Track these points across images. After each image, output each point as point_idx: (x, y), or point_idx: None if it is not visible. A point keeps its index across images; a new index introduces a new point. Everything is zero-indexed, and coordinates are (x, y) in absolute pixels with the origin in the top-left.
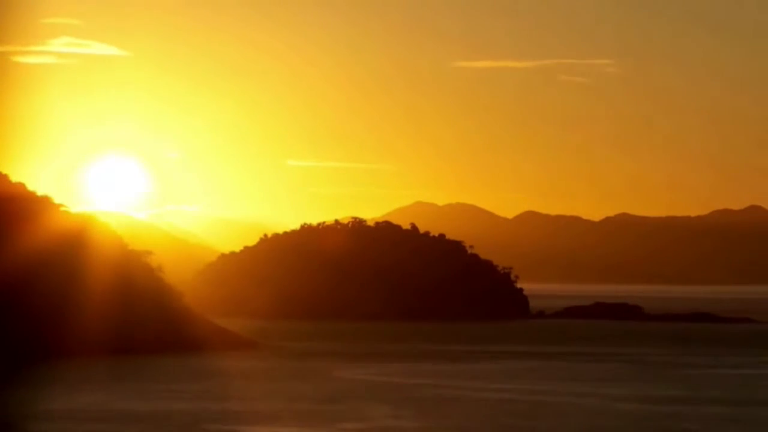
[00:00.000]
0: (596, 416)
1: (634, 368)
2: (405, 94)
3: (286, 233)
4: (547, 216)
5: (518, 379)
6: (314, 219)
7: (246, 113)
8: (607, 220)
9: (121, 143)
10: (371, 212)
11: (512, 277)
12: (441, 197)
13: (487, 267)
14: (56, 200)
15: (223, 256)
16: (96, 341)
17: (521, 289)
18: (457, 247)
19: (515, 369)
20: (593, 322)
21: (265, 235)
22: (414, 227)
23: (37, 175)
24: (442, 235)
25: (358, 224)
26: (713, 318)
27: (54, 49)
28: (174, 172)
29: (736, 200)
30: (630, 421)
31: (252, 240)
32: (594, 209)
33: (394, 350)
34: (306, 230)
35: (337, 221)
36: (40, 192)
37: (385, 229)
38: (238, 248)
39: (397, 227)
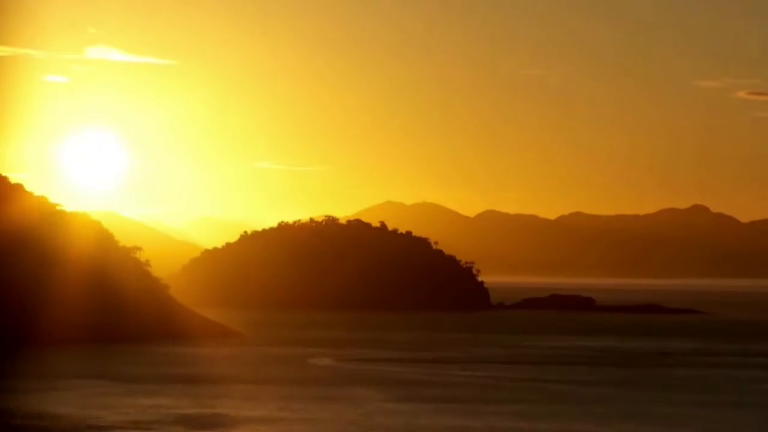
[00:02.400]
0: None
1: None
2: (375, 102)
3: (264, 230)
4: (506, 214)
5: (479, 365)
6: (290, 217)
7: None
8: (562, 218)
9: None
10: (343, 211)
11: (474, 271)
12: (408, 197)
13: (451, 262)
14: (48, 198)
15: (206, 251)
16: (85, 330)
17: (482, 282)
18: (423, 243)
19: (477, 355)
20: (549, 312)
21: (246, 233)
22: (383, 225)
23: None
24: (409, 233)
25: (331, 222)
26: (660, 309)
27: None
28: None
29: (681, 200)
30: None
31: (233, 237)
32: (550, 208)
33: (364, 338)
34: (283, 228)
35: (311, 219)
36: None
37: (357, 226)
38: (220, 244)
39: (368, 225)
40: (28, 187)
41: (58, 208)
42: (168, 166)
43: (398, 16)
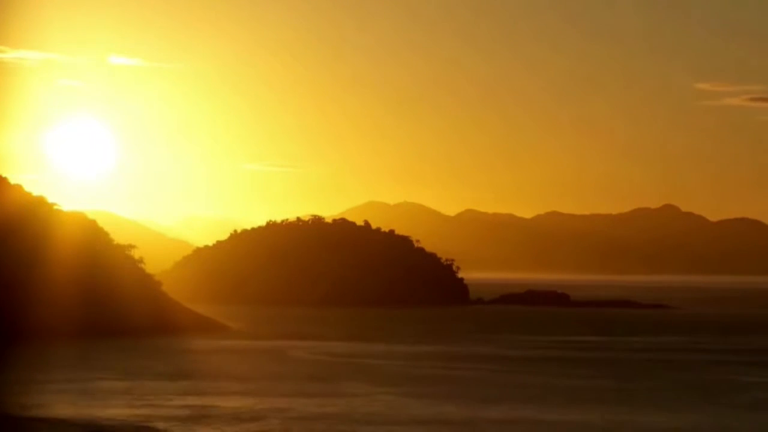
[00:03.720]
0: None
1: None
2: (358, 106)
3: (253, 229)
4: (484, 214)
5: (461, 358)
6: (278, 216)
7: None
8: (538, 218)
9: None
10: (329, 210)
11: (454, 267)
12: (391, 197)
13: (432, 259)
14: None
15: (197, 249)
16: (80, 324)
17: (462, 279)
18: (405, 241)
19: (457, 348)
20: (525, 307)
21: (235, 231)
22: (367, 224)
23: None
24: (391, 231)
25: (317, 221)
26: (632, 304)
27: None
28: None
29: (653, 200)
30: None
31: (223, 235)
32: (526, 208)
33: (347, 332)
34: (271, 226)
35: (299, 218)
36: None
37: (342, 225)
38: (211, 242)
39: (352, 224)
40: (26, 188)
41: (55, 207)
42: (162, 167)
43: (380, 19)
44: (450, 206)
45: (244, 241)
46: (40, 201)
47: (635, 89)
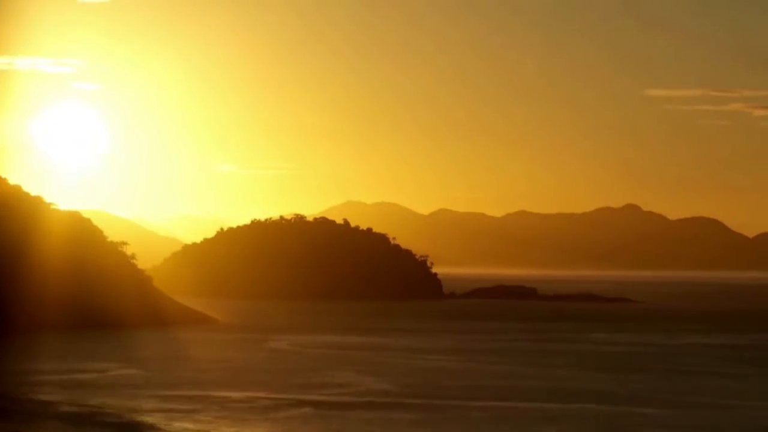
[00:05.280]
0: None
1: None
2: (338, 110)
3: (239, 227)
4: (457, 213)
5: (434, 350)
6: (262, 215)
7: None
8: (508, 216)
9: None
10: (310, 210)
11: (428, 263)
12: (369, 197)
13: (407, 255)
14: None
15: (186, 246)
16: (74, 317)
17: (435, 274)
18: (382, 238)
19: (431, 338)
20: (495, 301)
21: (222, 229)
22: (346, 222)
23: None
24: (369, 229)
25: (299, 220)
26: (596, 298)
27: None
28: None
29: (615, 199)
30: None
31: (211, 233)
32: (496, 207)
33: (327, 324)
34: (255, 225)
35: (281, 217)
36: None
37: (322, 223)
38: (199, 240)
39: (332, 222)
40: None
41: (52, 207)
42: (157, 168)
43: (359, 20)
44: (424, 206)
45: (230, 239)
46: (38, 201)
47: (598, 95)
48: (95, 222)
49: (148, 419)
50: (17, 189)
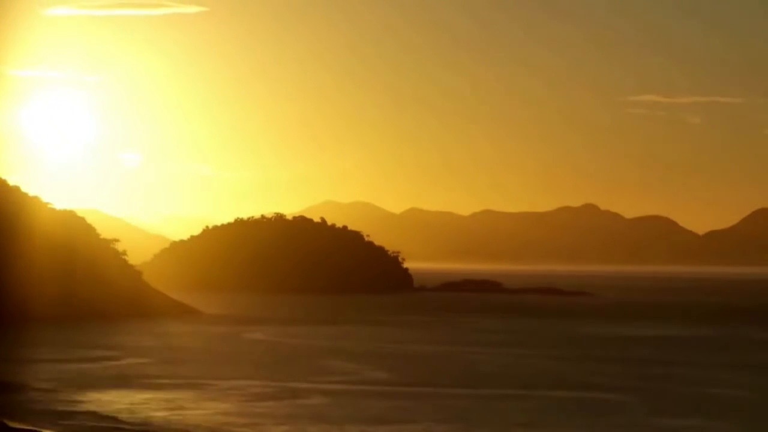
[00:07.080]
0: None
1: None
2: (315, 114)
3: (223, 225)
4: (427, 211)
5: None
6: (245, 214)
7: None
8: (475, 215)
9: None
10: (289, 208)
11: (400, 259)
12: (344, 197)
13: (380, 252)
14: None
15: (174, 243)
16: (68, 308)
17: (407, 269)
18: (356, 236)
19: (404, 330)
20: (463, 294)
21: (207, 227)
22: (323, 221)
23: None
24: (345, 227)
25: (279, 218)
26: (557, 291)
27: None
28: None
29: (575, 199)
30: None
31: (197, 230)
32: (464, 206)
33: (304, 317)
34: (239, 223)
35: (263, 216)
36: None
37: (301, 222)
38: (186, 237)
39: (310, 221)
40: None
41: (49, 206)
42: (152, 169)
43: (333, 22)
44: (396, 205)
45: (214, 236)
46: (35, 200)
47: (558, 98)
48: (89, 220)
49: (149, 412)
50: (17, 189)
